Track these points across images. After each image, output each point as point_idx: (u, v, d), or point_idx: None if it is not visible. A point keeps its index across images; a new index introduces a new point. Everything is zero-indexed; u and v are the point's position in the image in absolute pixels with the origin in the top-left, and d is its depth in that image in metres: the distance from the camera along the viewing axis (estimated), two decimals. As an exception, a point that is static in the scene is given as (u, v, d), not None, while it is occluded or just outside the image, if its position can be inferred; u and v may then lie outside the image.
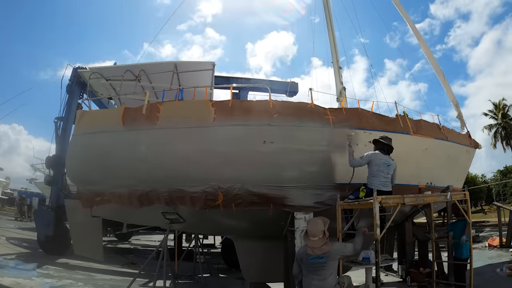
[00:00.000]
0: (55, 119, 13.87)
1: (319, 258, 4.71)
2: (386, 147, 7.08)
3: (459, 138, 10.68)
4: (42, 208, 15.50)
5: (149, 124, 7.71)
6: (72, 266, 10.96)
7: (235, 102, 7.70)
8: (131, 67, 9.50)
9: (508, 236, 14.79)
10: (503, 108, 45.82)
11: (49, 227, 12.98)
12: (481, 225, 27.25)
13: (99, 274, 10.33)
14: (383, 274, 10.71)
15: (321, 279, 4.65)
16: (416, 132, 8.74)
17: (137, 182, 7.76)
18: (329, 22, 14.28)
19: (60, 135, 13.78)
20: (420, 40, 13.05)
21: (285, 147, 7.48)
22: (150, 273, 9.00)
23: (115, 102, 11.09)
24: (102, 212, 8.75)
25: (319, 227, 4.81)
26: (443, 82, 12.39)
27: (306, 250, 4.83)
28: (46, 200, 36.84)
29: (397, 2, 13.08)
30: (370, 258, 6.97)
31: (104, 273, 10.62)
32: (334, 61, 13.91)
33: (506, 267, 9.66)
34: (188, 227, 10.16)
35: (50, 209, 13.58)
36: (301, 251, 5.04)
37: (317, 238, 4.75)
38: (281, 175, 7.52)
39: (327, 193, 7.60)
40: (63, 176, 13.76)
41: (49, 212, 13.52)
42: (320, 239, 4.75)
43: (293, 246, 7.35)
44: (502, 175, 40.10)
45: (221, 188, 7.38)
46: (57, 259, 11.68)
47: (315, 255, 4.73)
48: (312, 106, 7.81)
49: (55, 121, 13.85)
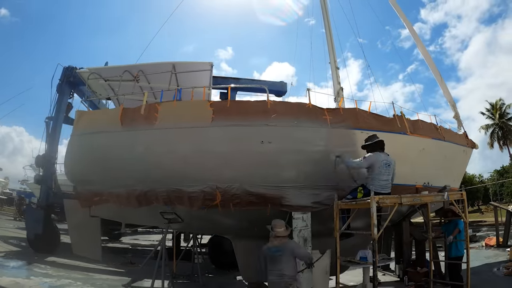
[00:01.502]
0: (46, 118, 13.90)
1: (278, 251, 5.61)
2: (380, 145, 7.11)
3: (456, 138, 10.73)
4: (31, 207, 15.43)
5: (147, 124, 7.74)
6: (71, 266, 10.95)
7: (233, 103, 7.74)
8: (130, 68, 9.49)
9: (505, 235, 14.87)
10: (500, 108, 45.98)
11: (38, 225, 12.91)
12: (478, 225, 27.37)
13: (97, 273, 10.32)
14: (381, 273, 10.74)
15: (279, 269, 5.54)
16: (413, 132, 8.78)
17: (136, 182, 7.78)
18: (327, 22, 14.28)
19: (50, 134, 13.80)
20: (417, 40, 13.11)
21: (283, 147, 7.51)
22: (148, 272, 9.01)
23: (114, 102, 11.09)
24: (101, 212, 8.77)
25: (282, 222, 5.92)
26: (440, 82, 12.43)
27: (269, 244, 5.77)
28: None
29: (394, 2, 13.13)
30: (367, 257, 7.03)
31: (103, 272, 10.62)
32: (332, 62, 13.91)
33: (503, 267, 9.74)
34: (186, 227, 10.18)
35: (40, 207, 13.55)
36: (265, 246, 5.88)
37: (282, 229, 5.77)
38: (279, 175, 7.55)
39: (324, 193, 7.62)
40: (53, 175, 13.83)
41: (38, 210, 13.49)
42: (284, 230, 5.79)
43: (291, 246, 7.39)
44: (499, 175, 40.19)
45: (219, 188, 7.40)
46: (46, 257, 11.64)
47: (274, 249, 5.65)
48: (309, 106, 7.84)
49: (45, 121, 13.88)
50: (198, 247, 12.45)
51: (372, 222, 5.94)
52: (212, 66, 9.79)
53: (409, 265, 9.28)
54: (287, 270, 5.56)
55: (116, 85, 9.73)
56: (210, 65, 9.77)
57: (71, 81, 13.59)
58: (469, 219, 8.52)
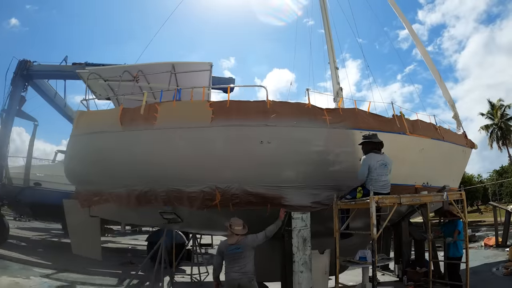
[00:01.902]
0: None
1: (237, 248, 5.76)
2: (377, 145, 7.11)
3: (455, 138, 10.74)
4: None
5: (147, 125, 7.74)
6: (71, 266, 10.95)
7: (232, 103, 7.74)
8: (129, 68, 9.50)
9: (504, 235, 14.89)
10: (500, 108, 46.04)
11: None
12: (477, 224, 27.44)
13: (96, 273, 10.33)
14: (380, 273, 10.78)
15: (240, 267, 5.64)
16: (412, 132, 8.78)
17: (135, 182, 7.79)
18: (326, 21, 14.31)
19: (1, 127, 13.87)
20: (416, 40, 13.11)
21: (282, 147, 7.51)
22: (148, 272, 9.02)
23: (113, 102, 11.09)
24: (101, 212, 8.78)
25: (240, 220, 6.04)
26: (439, 82, 12.43)
27: (227, 242, 5.94)
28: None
29: (393, 2, 13.15)
30: (366, 257, 7.04)
31: (102, 273, 10.62)
32: (331, 62, 13.92)
33: (502, 267, 9.75)
34: (186, 227, 10.19)
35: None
36: (222, 245, 6.07)
37: (240, 227, 5.93)
38: (278, 175, 7.56)
39: (324, 193, 7.63)
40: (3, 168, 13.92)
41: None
42: (242, 228, 5.94)
43: (290, 246, 7.41)
44: (498, 175, 40.27)
45: (219, 188, 7.42)
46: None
47: (233, 247, 5.78)
48: (309, 107, 7.85)
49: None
50: (198, 246, 12.45)
51: (371, 222, 5.95)
52: (211, 66, 9.77)
53: (408, 265, 9.30)
54: (249, 266, 5.74)
55: (116, 85, 9.73)
56: (209, 65, 9.75)
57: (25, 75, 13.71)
58: (469, 219, 8.57)
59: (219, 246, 6.15)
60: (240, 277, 5.58)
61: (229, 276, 5.69)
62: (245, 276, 5.62)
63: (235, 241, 5.83)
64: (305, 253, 7.36)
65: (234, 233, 5.89)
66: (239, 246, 5.76)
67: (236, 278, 5.59)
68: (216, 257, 6.05)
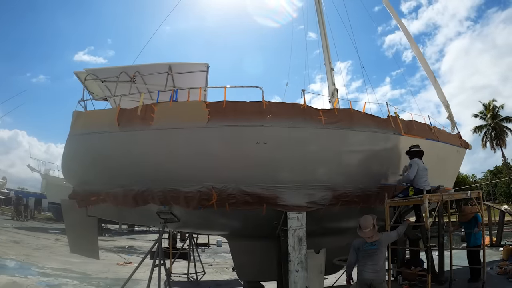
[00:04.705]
0: None
1: (372, 245, 5.84)
2: (420, 154, 8.10)
3: (449, 138, 10.83)
4: None
5: (144, 125, 7.77)
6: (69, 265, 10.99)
7: (228, 103, 7.78)
8: (126, 69, 9.50)
9: (498, 235, 14.98)
10: (493, 109, 46.22)
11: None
12: (472, 224, 27.47)
13: (94, 273, 10.37)
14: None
15: (374, 263, 5.73)
16: (407, 132, 8.87)
17: (132, 182, 7.82)
18: (321, 23, 14.34)
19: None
20: (411, 41, 13.21)
21: (278, 148, 7.58)
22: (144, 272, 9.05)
23: (110, 103, 11.10)
24: (98, 211, 8.80)
25: (369, 221, 5.89)
26: (434, 82, 12.51)
27: (363, 240, 5.93)
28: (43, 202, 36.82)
29: (387, 3, 13.24)
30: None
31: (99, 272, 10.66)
32: (327, 63, 13.97)
33: (496, 266, 9.83)
34: (182, 226, 10.23)
35: None
36: (358, 241, 6.05)
37: (368, 230, 5.83)
38: (274, 175, 7.62)
39: (319, 193, 7.71)
40: None
41: None
42: (370, 230, 5.84)
43: (286, 245, 7.47)
44: (492, 175, 40.49)
45: (215, 188, 7.46)
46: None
47: (369, 243, 5.85)
48: (304, 107, 7.93)
49: None
50: (194, 246, 12.51)
51: (425, 215, 7.25)
52: (208, 67, 9.80)
53: (403, 265, 9.36)
54: (381, 263, 5.83)
55: (113, 86, 9.75)
56: (206, 66, 9.78)
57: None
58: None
59: (354, 243, 6.13)
60: (373, 278, 5.65)
61: (362, 275, 5.78)
62: (378, 276, 5.69)
63: (370, 238, 5.85)
64: (300, 253, 7.42)
65: (365, 235, 5.88)
66: (375, 243, 5.85)
67: (369, 278, 5.67)
68: (351, 254, 6.12)
